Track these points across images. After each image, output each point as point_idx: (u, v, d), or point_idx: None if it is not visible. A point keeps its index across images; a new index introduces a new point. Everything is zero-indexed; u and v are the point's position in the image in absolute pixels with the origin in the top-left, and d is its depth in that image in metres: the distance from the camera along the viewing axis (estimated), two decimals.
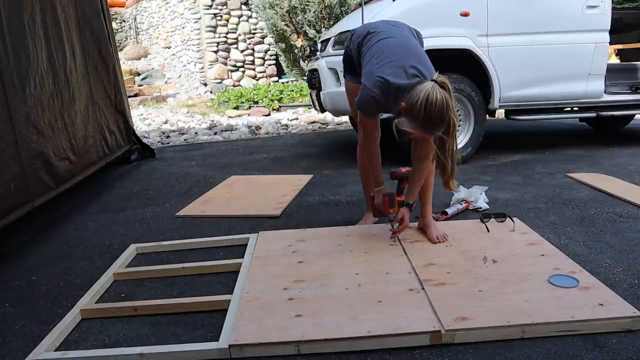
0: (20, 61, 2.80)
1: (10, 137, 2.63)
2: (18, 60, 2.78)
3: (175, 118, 8.03)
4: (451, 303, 1.72)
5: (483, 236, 2.35)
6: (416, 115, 1.89)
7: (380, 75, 2.01)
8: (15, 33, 2.78)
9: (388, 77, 2.00)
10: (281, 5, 8.60)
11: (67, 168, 3.28)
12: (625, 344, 1.53)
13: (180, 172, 4.25)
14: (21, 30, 2.84)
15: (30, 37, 2.92)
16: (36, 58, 2.98)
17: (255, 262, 2.18)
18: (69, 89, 3.43)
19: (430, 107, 1.86)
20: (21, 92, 2.78)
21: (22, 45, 2.84)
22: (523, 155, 4.23)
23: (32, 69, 2.92)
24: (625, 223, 2.56)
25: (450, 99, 1.90)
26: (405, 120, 1.93)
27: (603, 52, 3.94)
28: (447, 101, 1.88)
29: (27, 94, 2.83)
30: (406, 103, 1.92)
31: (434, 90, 1.88)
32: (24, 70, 2.83)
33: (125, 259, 2.36)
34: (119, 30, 14.54)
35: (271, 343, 1.57)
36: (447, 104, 1.88)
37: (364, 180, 2.65)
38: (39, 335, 1.74)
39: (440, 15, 3.73)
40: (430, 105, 1.86)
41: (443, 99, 1.87)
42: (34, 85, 2.93)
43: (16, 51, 2.77)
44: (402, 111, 1.94)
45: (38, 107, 2.96)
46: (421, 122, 1.90)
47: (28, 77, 2.86)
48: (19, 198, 2.67)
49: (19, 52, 2.80)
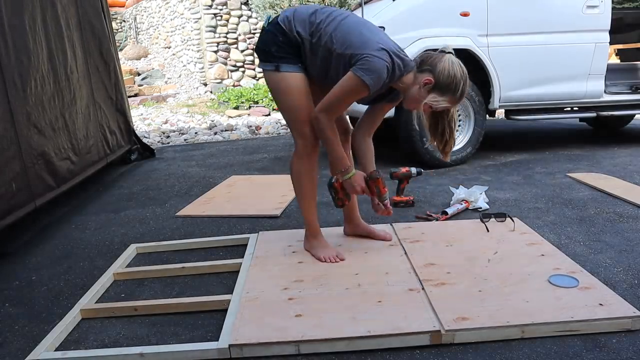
0: (21, 61, 2.80)
1: (11, 137, 2.63)
2: (19, 59, 2.78)
3: (175, 118, 8.03)
4: (451, 303, 1.72)
5: (483, 236, 2.35)
6: (455, 88, 1.87)
7: (385, 47, 1.85)
8: (16, 32, 2.78)
9: (394, 49, 1.87)
10: (281, 5, 8.60)
11: (68, 168, 3.28)
12: (625, 344, 1.53)
13: (180, 172, 4.25)
14: (22, 30, 2.84)
15: (31, 36, 2.92)
16: (37, 57, 2.98)
17: (255, 262, 2.18)
18: (70, 88, 3.43)
19: (466, 78, 1.89)
20: (22, 92, 2.78)
21: (23, 45, 2.84)
22: (523, 155, 4.24)
23: (33, 68, 2.92)
24: (625, 223, 2.56)
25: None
26: (437, 95, 1.89)
27: (603, 52, 3.95)
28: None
29: (27, 94, 2.84)
30: (436, 77, 1.87)
31: (457, 60, 1.90)
32: (24, 69, 2.83)
33: (125, 259, 2.36)
34: (119, 30, 14.53)
35: (271, 343, 1.57)
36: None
37: (306, 195, 2.18)
38: (39, 335, 1.74)
39: (440, 15, 3.73)
40: (465, 76, 1.89)
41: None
42: (35, 85, 2.93)
43: (17, 50, 2.77)
44: (429, 86, 1.88)
45: (39, 106, 2.96)
46: (460, 93, 1.89)
47: (29, 77, 2.87)
48: (20, 198, 2.67)
49: (20, 51, 2.80)
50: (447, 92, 1.88)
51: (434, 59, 1.90)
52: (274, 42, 1.94)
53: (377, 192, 2.10)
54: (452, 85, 1.87)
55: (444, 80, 1.87)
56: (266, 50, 1.97)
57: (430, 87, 1.89)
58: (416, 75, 1.93)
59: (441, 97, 1.89)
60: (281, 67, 1.95)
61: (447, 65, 1.87)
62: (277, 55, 1.95)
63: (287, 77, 1.96)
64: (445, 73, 1.86)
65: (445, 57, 1.90)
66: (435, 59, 1.90)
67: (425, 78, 1.88)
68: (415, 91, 1.93)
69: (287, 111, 2.03)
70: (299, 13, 1.95)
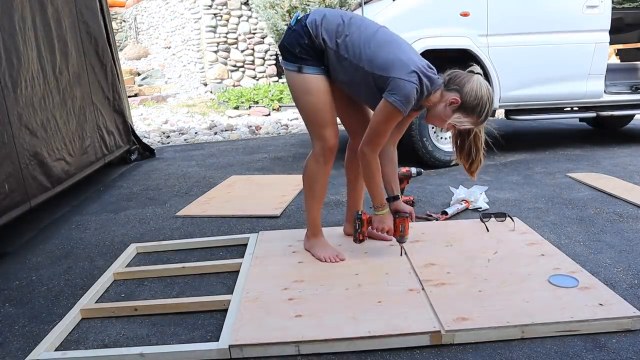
0: (12, 62, 2.80)
1: (3, 138, 2.63)
2: (9, 60, 2.77)
3: (175, 118, 8.03)
4: (451, 303, 1.72)
5: (483, 236, 2.35)
6: (480, 110, 1.88)
7: (414, 67, 1.83)
8: (6, 33, 2.77)
9: (422, 69, 1.85)
10: (281, 5, 8.60)
11: (63, 168, 3.27)
12: (625, 344, 1.53)
13: (180, 172, 4.25)
14: (12, 30, 2.83)
15: (21, 37, 2.91)
16: (27, 58, 2.97)
17: (255, 262, 2.18)
18: (59, 89, 3.40)
19: (492, 100, 1.90)
20: (12, 93, 2.78)
21: (13, 46, 2.83)
22: (523, 155, 4.24)
23: (23, 69, 2.92)
24: (625, 223, 2.56)
25: None
26: (461, 116, 1.89)
27: (603, 52, 3.94)
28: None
29: (18, 95, 2.83)
30: (462, 97, 1.87)
31: (485, 82, 1.90)
32: (14, 70, 2.82)
33: (125, 258, 2.36)
34: (119, 30, 14.53)
35: (271, 343, 1.57)
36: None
37: (315, 197, 2.18)
38: (39, 335, 1.74)
39: (440, 15, 3.73)
40: (492, 98, 1.90)
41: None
42: (25, 86, 2.92)
43: (7, 51, 2.76)
44: (455, 106, 1.89)
45: (29, 107, 2.95)
46: (485, 115, 1.90)
47: (19, 78, 2.86)
48: (14, 199, 2.67)
49: (10, 52, 2.79)
50: (472, 113, 1.89)
51: (462, 79, 1.89)
52: (298, 44, 1.93)
53: (402, 232, 2.08)
54: (477, 108, 1.88)
55: (470, 102, 1.87)
56: (290, 50, 1.95)
57: (455, 107, 1.89)
58: (443, 93, 1.92)
59: (465, 118, 1.90)
60: (304, 69, 1.94)
61: (475, 86, 1.87)
62: (300, 57, 1.94)
63: (309, 78, 1.95)
64: (473, 94, 1.86)
65: (474, 77, 1.90)
66: (463, 79, 1.89)
67: (452, 97, 1.88)
68: (440, 109, 1.93)
69: (307, 112, 2.01)
70: (327, 21, 1.93)
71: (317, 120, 2.00)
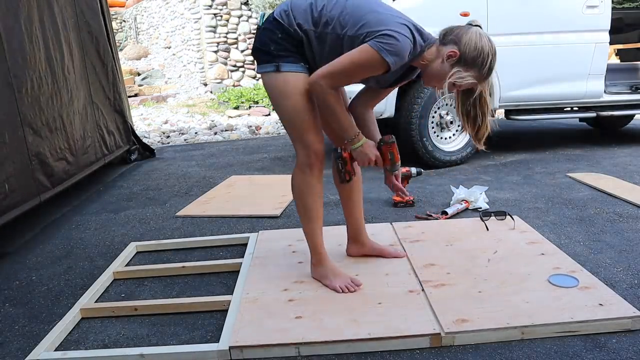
0: (17, 61, 2.80)
1: (5, 138, 2.63)
2: (14, 60, 2.77)
3: (175, 118, 8.03)
4: (451, 304, 1.72)
5: (483, 235, 2.35)
6: (482, 62, 1.68)
7: (403, 20, 1.68)
8: (12, 33, 2.77)
9: (412, 22, 1.69)
10: None
11: (64, 168, 3.27)
12: (625, 344, 1.53)
13: (180, 172, 4.25)
14: (17, 30, 2.84)
15: (27, 37, 2.92)
16: (33, 58, 2.97)
17: (255, 262, 2.18)
18: (67, 89, 3.42)
19: (494, 52, 1.70)
20: (17, 93, 2.78)
21: (19, 45, 2.83)
22: (523, 155, 4.24)
23: (29, 69, 2.92)
24: (625, 223, 2.56)
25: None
26: (461, 70, 1.68)
27: (603, 52, 3.94)
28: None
29: (23, 94, 2.83)
30: (461, 49, 1.67)
31: (485, 33, 1.71)
32: (20, 70, 2.82)
33: (125, 257, 2.36)
34: (119, 30, 14.53)
35: (271, 345, 1.57)
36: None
37: (311, 216, 1.92)
38: (39, 335, 1.74)
39: (440, 15, 3.72)
40: (494, 50, 1.70)
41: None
42: (31, 86, 2.92)
43: (12, 51, 2.76)
44: (453, 59, 1.69)
45: (35, 107, 2.96)
46: (487, 68, 1.70)
47: (25, 78, 2.86)
48: (14, 199, 2.67)
49: (15, 52, 2.79)
50: (473, 66, 1.68)
51: (459, 30, 1.71)
52: (272, 40, 1.74)
53: (391, 159, 1.85)
54: (478, 59, 1.68)
55: (470, 53, 1.67)
56: (264, 50, 1.76)
57: (454, 61, 1.69)
58: (439, 48, 1.73)
59: (466, 73, 1.69)
60: (282, 67, 1.74)
61: (474, 37, 1.68)
62: (277, 54, 1.74)
63: (289, 78, 1.75)
64: (472, 45, 1.67)
65: (472, 29, 1.71)
66: (460, 30, 1.71)
67: (450, 50, 1.69)
68: (437, 66, 1.73)
69: (288, 116, 1.80)
70: (296, 4, 1.75)
71: (299, 124, 1.79)
